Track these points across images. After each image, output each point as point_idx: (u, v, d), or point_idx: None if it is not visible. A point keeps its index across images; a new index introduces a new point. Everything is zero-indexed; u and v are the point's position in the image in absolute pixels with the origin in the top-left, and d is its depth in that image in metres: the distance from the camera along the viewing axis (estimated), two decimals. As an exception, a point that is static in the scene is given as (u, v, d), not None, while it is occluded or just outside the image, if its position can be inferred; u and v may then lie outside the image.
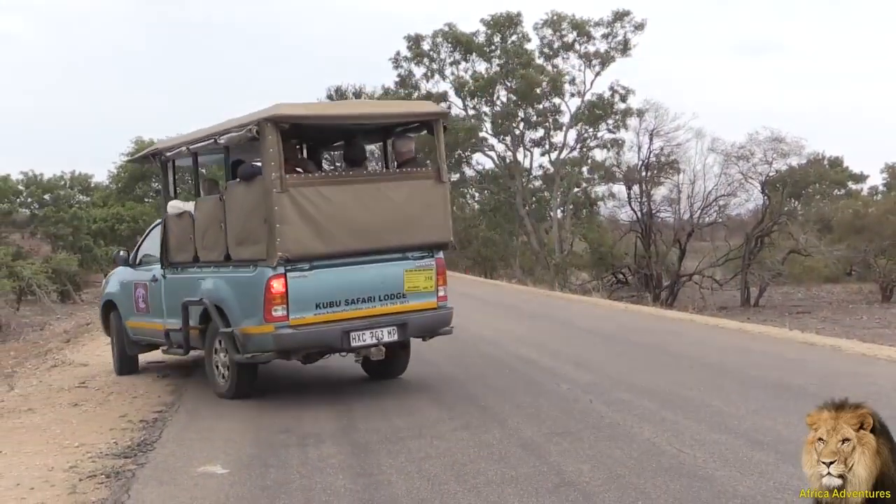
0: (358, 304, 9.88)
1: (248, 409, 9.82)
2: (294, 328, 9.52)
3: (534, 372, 11.28)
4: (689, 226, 44.21)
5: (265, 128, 9.49)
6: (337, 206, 9.74)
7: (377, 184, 10.15)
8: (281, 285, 9.48)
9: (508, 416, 8.58)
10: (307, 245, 9.57)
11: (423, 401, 9.65)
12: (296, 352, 9.80)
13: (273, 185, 9.44)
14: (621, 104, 48.23)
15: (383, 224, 9.99)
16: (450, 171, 51.16)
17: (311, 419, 9.05)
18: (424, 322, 10.35)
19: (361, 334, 9.80)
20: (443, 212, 10.43)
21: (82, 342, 19.19)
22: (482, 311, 20.58)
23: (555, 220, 48.71)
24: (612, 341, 14.35)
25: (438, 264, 10.52)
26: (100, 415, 10.02)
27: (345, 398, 10.09)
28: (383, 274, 10.05)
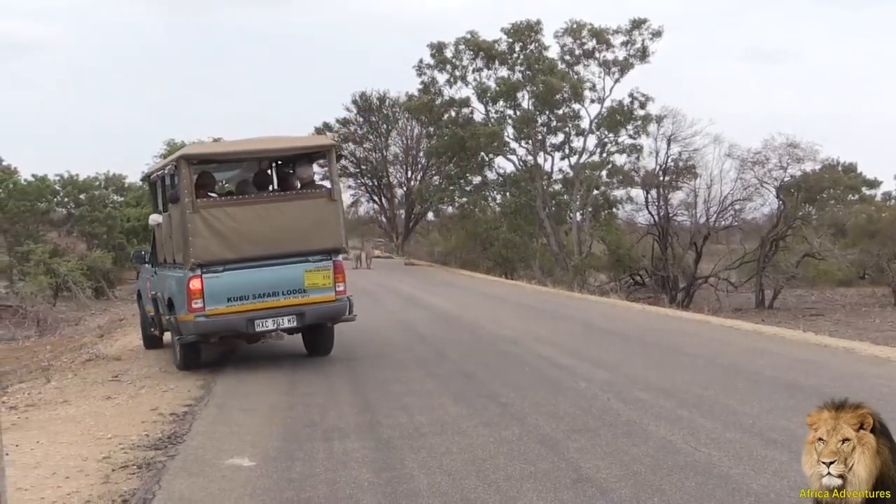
0: (264, 297, 12.33)
1: (275, 403, 9.86)
2: (208, 317, 12.09)
3: (552, 370, 11.27)
4: (705, 229, 44.01)
5: (180, 164, 12.40)
6: (240, 221, 12.34)
7: (275, 203, 12.71)
8: (198, 283, 12.11)
9: (527, 413, 8.58)
10: (215, 253, 12.19)
11: (444, 398, 9.66)
12: (211, 335, 12.41)
13: (187, 208, 12.20)
14: (640, 111, 47.98)
15: (280, 235, 12.42)
16: (472, 173, 51.15)
17: (336, 414, 9.08)
18: (321, 312, 12.65)
19: (264, 321, 12.30)
20: (335, 224, 12.76)
21: (115, 337, 19.31)
22: (502, 311, 20.57)
23: (574, 222, 48.49)
24: (629, 341, 14.31)
25: (336, 265, 12.71)
26: (132, 407, 10.09)
27: (369, 395, 10.12)
28: (286, 274, 12.45)
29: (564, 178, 50.98)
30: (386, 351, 13.91)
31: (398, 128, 72.61)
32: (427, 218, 72.71)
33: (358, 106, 72.04)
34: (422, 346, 14.50)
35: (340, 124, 73.39)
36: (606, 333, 15.68)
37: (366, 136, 73.28)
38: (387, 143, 73.25)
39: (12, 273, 38.79)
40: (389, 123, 72.15)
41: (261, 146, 13.75)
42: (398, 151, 74.00)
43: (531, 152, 50.16)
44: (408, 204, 71.75)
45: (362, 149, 74.37)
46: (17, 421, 9.63)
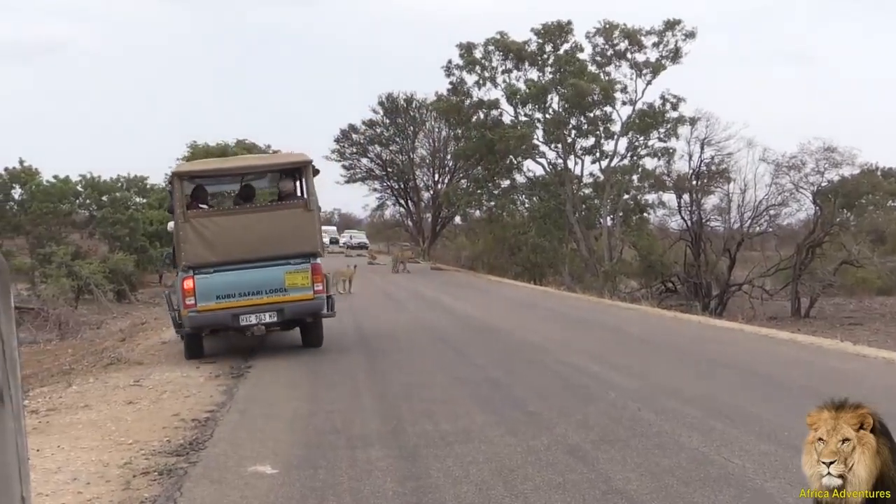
0: (249, 295, 14.20)
1: (299, 409, 9.88)
2: (199, 312, 14.02)
3: (582, 378, 11.23)
4: (739, 235, 43.71)
5: (173, 179, 14.61)
6: (226, 229, 14.24)
7: (257, 213, 14.75)
8: (191, 283, 14.04)
9: (556, 423, 8.55)
10: (203, 256, 14.08)
11: (470, 405, 9.64)
12: (203, 328, 14.48)
13: (178, 218, 14.27)
14: (672, 113, 47.78)
15: (262, 241, 14.21)
16: (500, 177, 51.08)
17: (360, 421, 9.08)
18: (298, 308, 14.49)
19: (248, 317, 14.21)
20: (311, 231, 14.53)
21: (137, 341, 19.43)
22: (530, 317, 20.55)
23: (604, 227, 48.36)
24: (661, 349, 14.25)
25: (313, 267, 14.44)
26: (153, 413, 10.14)
27: (393, 402, 10.12)
28: (268, 274, 14.26)
29: (595, 182, 50.86)
30: (411, 356, 13.94)
31: (425, 130, 72.67)
32: (454, 222, 72.73)
33: (384, 107, 72.15)
34: (448, 351, 14.51)
35: (366, 126, 73.57)
36: (637, 341, 15.62)
37: (392, 138, 73.41)
38: (413, 146, 73.36)
39: (34, 275, 39.05)
40: (416, 125, 72.22)
41: (244, 163, 16.54)
42: (425, 154, 74.10)
43: (561, 155, 50.10)
44: (434, 207, 71.79)
45: (388, 151, 74.53)
46: (38, 425, 9.69)
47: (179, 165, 16.52)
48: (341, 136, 75.02)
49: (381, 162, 75.04)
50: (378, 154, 74.99)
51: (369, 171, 76.76)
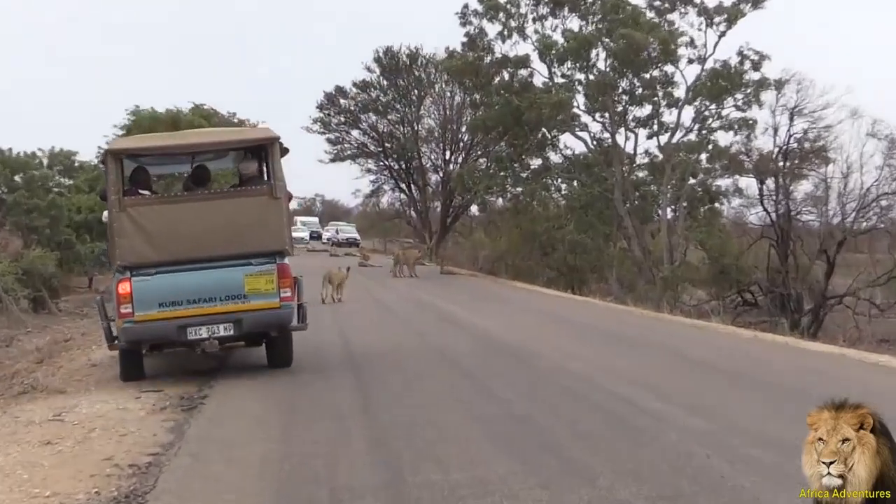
0: (199, 303, 14.40)
1: (269, 453, 9.85)
2: (137, 323, 14.19)
3: (633, 415, 11.19)
4: (839, 232, 43.60)
5: (107, 159, 14.81)
6: (172, 221, 14.47)
7: (210, 202, 14.96)
8: (127, 287, 14.22)
9: (600, 472, 8.50)
10: (142, 254, 14.31)
11: (488, 448, 9.60)
12: (139, 343, 14.75)
13: (113, 206, 14.46)
14: (753, 73, 47.64)
15: (216, 235, 14.49)
16: (530, 155, 50.96)
17: (348, 466, 9.05)
18: (261, 319, 14.76)
19: (197, 329, 14.43)
20: (277, 223, 14.90)
21: (58, 363, 19.40)
22: (567, 336, 20.51)
23: (663, 220, 48.29)
24: (737, 380, 14.19)
25: (280, 269, 14.80)
26: (79, 456, 10.10)
27: (391, 443, 10.07)
28: (224, 277, 14.51)
29: (651, 163, 50.83)
30: (414, 386, 13.90)
31: (434, 94, 72.83)
32: (469, 212, 72.78)
33: (382, 65, 72.26)
34: (461, 379, 14.53)
35: (358, 88, 73.65)
36: (706, 369, 15.56)
37: (391, 104, 73.53)
38: (419, 115, 73.50)
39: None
40: (423, 88, 72.35)
41: (196, 140, 16.48)
42: (433, 125, 74.27)
43: (608, 128, 50.09)
44: (445, 194, 71.92)
45: (387, 121, 74.74)
46: (-70, 470, 9.66)
47: (115, 141, 16.90)
48: (326, 101, 75.26)
49: (377, 135, 75.22)
50: (373, 125, 75.21)
51: (361, 147, 77.02)
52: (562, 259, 50.46)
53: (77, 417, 12.44)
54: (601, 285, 48.86)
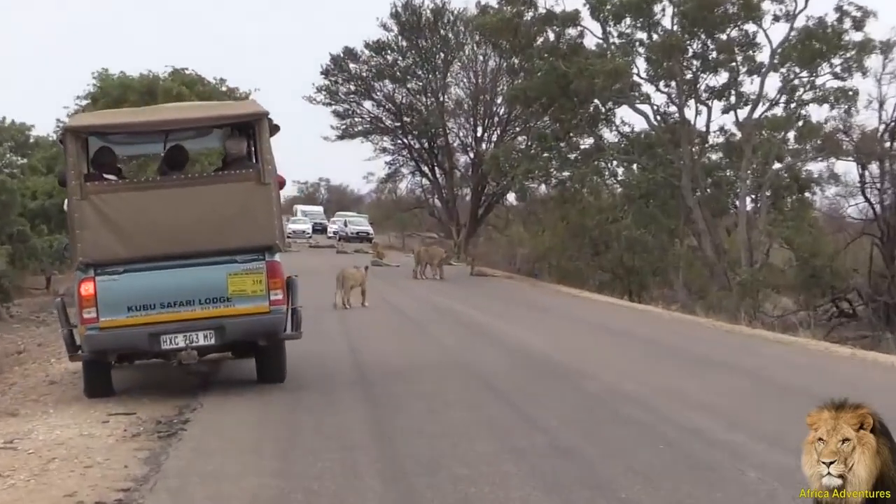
0: (175, 307, 14.66)
1: (263, 490, 9.87)
2: (103, 330, 14.40)
3: (703, 449, 11.21)
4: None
5: (66, 138, 15.03)
6: (142, 211, 14.64)
7: (188, 188, 15.12)
8: (91, 288, 14.40)
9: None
10: (108, 250, 14.49)
11: (529, 488, 9.60)
12: (105, 353, 14.89)
13: (73, 193, 14.61)
14: (854, 34, 47.38)
15: (195, 228, 14.70)
16: (579, 132, 50.82)
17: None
18: (246, 326, 14.93)
19: (174, 337, 14.65)
20: (265, 214, 15.02)
21: (10, 379, 19.51)
22: (624, 353, 20.47)
23: (741, 213, 48.16)
24: (831, 407, 14.10)
25: (270, 268, 14.92)
26: (34, 492, 10.15)
27: (410, 480, 10.08)
28: (203, 277, 14.75)
29: (727, 143, 50.67)
30: (438, 410, 13.91)
31: (463, 58, 72.72)
32: (506, 202, 72.69)
33: (400, 22, 72.25)
34: (495, 403, 14.54)
35: (372, 51, 73.69)
36: (791, 394, 15.48)
37: (412, 69, 73.39)
38: (445, 83, 73.36)
39: None
40: (450, 51, 72.27)
41: (170, 116, 16.64)
42: (462, 95, 74.22)
43: (675, 100, 49.94)
44: (476, 179, 71.84)
45: (406, 90, 74.65)
46: None
47: (76, 116, 17.59)
48: (333, 65, 75.29)
49: (395, 107, 75.21)
50: (389, 94, 75.21)
51: (375, 122, 77.10)
52: (617, 259, 50.43)
53: (33, 445, 12.48)
54: (664, 291, 48.80)
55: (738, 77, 49.33)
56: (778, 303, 46.15)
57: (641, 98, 50.39)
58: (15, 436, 13.13)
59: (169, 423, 13.40)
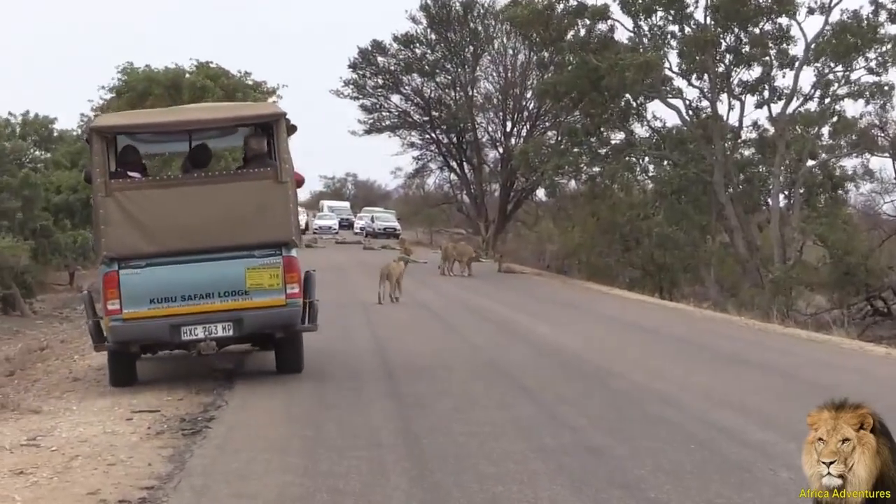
0: (195, 299, 15.54)
1: (288, 488, 9.86)
2: (125, 321, 15.29)
3: (735, 449, 11.20)
4: None
5: (92, 137, 15.84)
6: (164, 208, 15.54)
7: (208, 186, 16.06)
8: (114, 281, 15.28)
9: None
10: (131, 245, 15.39)
11: (558, 488, 9.58)
12: (128, 344, 15.81)
13: (98, 190, 15.54)
14: (890, 27, 47.18)
15: (214, 224, 15.53)
16: (610, 127, 50.70)
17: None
18: (264, 319, 15.83)
19: (193, 329, 15.57)
20: (283, 211, 15.88)
21: (34, 376, 19.54)
22: (654, 351, 20.44)
23: (774, 210, 48.01)
24: (865, 407, 14.06)
25: (286, 262, 15.81)
26: (57, 489, 10.16)
27: (437, 478, 10.07)
28: (222, 271, 15.61)
29: (760, 138, 50.52)
30: (466, 409, 13.90)
31: (493, 52, 72.66)
32: (535, 197, 72.63)
33: (430, 15, 72.23)
34: (523, 402, 14.53)
35: (400, 44, 73.67)
36: (823, 393, 15.40)
37: (441, 63, 73.35)
38: (474, 76, 73.35)
39: None
40: (479, 44, 72.21)
41: (191, 116, 17.68)
42: (491, 90, 74.16)
43: (707, 95, 49.79)
44: (505, 175, 71.77)
45: (434, 84, 74.66)
46: None
47: (101, 117, 18.72)
48: (360, 59, 75.32)
49: (423, 101, 75.20)
50: (418, 88, 75.20)
51: (403, 116, 77.08)
52: (648, 256, 50.29)
53: (56, 442, 12.51)
54: (696, 288, 48.68)
55: (771, 71, 49.17)
56: (811, 301, 45.96)
57: (673, 93, 50.34)
58: (38, 433, 13.15)
59: (193, 421, 13.40)
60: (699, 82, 49.86)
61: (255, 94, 56.27)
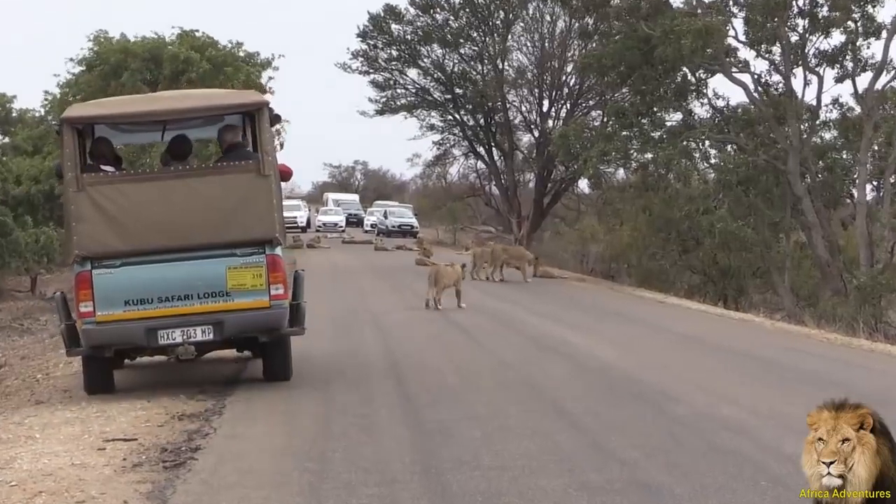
0: (172, 301, 16.75)
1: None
2: (99, 324, 16.44)
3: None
4: None
5: (63, 128, 16.83)
6: (139, 203, 16.63)
7: (186, 180, 17.18)
8: (87, 282, 16.39)
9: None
10: (104, 243, 16.44)
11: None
12: (102, 348, 16.86)
13: (70, 185, 16.53)
14: None
15: (193, 221, 16.69)
16: (664, 107, 50.61)
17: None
18: (246, 321, 17.01)
19: (171, 332, 16.75)
20: (266, 206, 16.97)
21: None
22: (718, 370, 20.40)
23: (860, 203, 47.92)
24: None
25: (270, 261, 16.95)
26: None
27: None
28: (202, 271, 16.82)
29: (843, 119, 50.38)
30: (496, 437, 13.90)
31: (527, 18, 72.65)
32: (576, 189, 72.62)
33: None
34: (564, 429, 14.52)
35: (418, 9, 73.65)
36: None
37: (465, 31, 73.31)
38: (504, 48, 73.30)
39: None
40: (511, 9, 72.19)
41: (168, 105, 18.67)
42: (525, 63, 74.12)
43: (779, 67, 49.70)
44: (541, 163, 71.74)
45: (458, 56, 74.56)
46: None
47: (73, 107, 19.44)
48: (371, 26, 75.27)
49: (445, 76, 75.16)
50: (438, 62, 75.12)
51: (421, 94, 77.05)
52: (709, 258, 50.29)
53: (16, 476, 12.54)
54: (767, 296, 48.69)
55: (855, 40, 49.01)
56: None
57: (739, 65, 50.24)
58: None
59: (176, 451, 13.41)
60: (769, 53, 49.79)
61: (248, 68, 56.39)
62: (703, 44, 47.51)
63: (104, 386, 17.58)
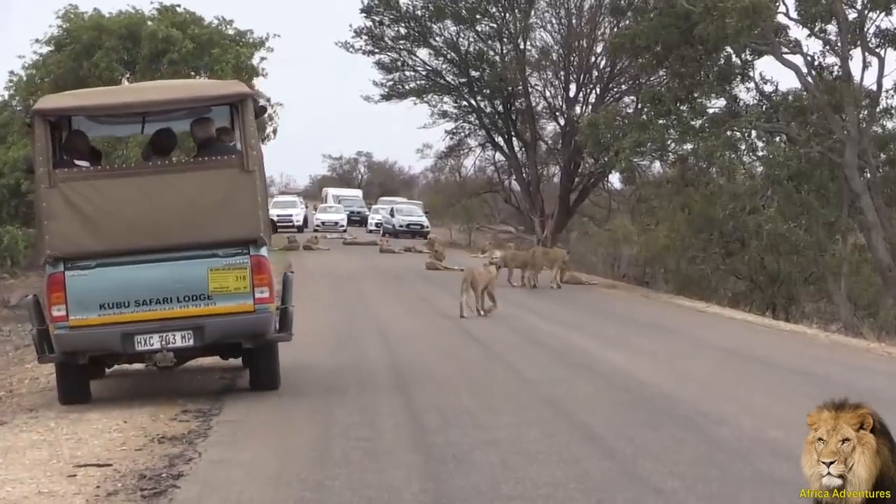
0: (150, 305, 17.35)
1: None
2: (72, 329, 17.06)
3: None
4: None
5: (34, 121, 17.37)
6: (115, 200, 17.22)
7: (164, 175, 17.77)
8: (60, 284, 17.00)
9: None
10: (78, 243, 17.03)
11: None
12: (75, 354, 17.42)
13: (41, 181, 17.05)
14: None
15: (173, 219, 17.33)
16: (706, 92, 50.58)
17: None
18: (230, 327, 17.62)
19: (148, 338, 17.31)
20: (250, 203, 17.58)
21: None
22: (766, 388, 20.43)
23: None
24: None
25: (255, 263, 17.58)
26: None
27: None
28: (182, 273, 17.43)
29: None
30: (515, 464, 13.88)
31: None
32: (607, 185, 72.63)
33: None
34: (592, 456, 14.49)
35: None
36: None
37: (482, 6, 73.25)
38: (526, 25, 73.29)
39: None
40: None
41: (147, 96, 19.51)
42: (549, 42, 74.12)
43: (835, 48, 49.68)
44: (567, 154, 71.73)
45: (474, 34, 74.54)
46: None
47: (45, 98, 20.05)
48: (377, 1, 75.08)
49: (459, 57, 75.11)
50: (452, 41, 75.13)
51: (433, 77, 77.01)
52: (756, 262, 50.27)
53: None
54: (821, 305, 48.68)
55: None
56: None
57: (790, 46, 50.21)
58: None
59: (156, 479, 13.39)
60: (822, 32, 49.75)
61: (238, 49, 56.45)
62: (750, 22, 47.44)
63: (80, 396, 18.02)
